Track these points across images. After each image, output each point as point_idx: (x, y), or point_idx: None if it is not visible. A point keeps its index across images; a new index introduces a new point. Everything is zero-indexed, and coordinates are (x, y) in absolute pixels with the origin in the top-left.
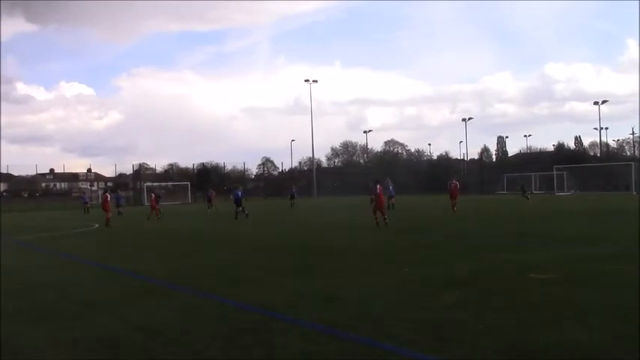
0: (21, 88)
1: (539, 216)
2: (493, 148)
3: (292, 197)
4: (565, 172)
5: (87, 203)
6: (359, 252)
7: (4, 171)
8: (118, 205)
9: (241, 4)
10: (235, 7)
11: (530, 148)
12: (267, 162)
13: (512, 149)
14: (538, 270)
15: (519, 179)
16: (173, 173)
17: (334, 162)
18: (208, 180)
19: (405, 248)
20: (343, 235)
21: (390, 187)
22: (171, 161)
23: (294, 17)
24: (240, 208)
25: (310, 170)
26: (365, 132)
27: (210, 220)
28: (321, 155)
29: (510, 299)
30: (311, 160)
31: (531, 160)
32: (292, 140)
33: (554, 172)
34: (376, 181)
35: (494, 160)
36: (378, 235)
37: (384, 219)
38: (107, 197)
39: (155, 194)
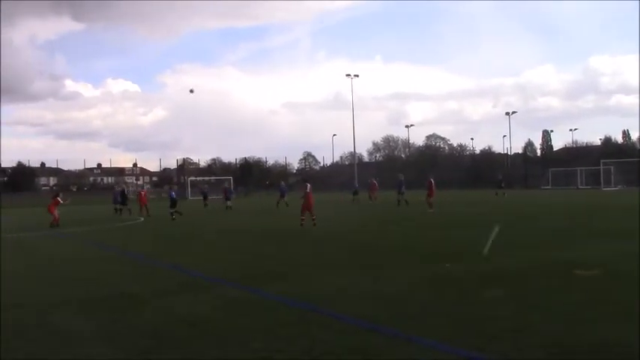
0: (69, 85)
1: (585, 211)
2: (537, 142)
3: (356, 193)
4: (612, 167)
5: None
6: (398, 247)
7: (53, 165)
8: (115, 202)
9: (282, 2)
10: (276, 3)
11: (577, 142)
12: (308, 156)
13: (557, 143)
14: (583, 266)
15: (499, 174)
16: (216, 168)
17: (375, 156)
18: (250, 175)
19: (442, 244)
20: (381, 230)
21: (402, 184)
22: (214, 156)
23: (334, 12)
24: (174, 210)
25: (351, 165)
26: (407, 126)
27: (248, 215)
28: (363, 150)
29: (553, 296)
30: (352, 154)
31: (577, 154)
32: (334, 135)
33: (601, 167)
34: (305, 180)
35: (538, 154)
36: (410, 229)
37: (313, 219)
38: (58, 201)
39: (145, 191)
